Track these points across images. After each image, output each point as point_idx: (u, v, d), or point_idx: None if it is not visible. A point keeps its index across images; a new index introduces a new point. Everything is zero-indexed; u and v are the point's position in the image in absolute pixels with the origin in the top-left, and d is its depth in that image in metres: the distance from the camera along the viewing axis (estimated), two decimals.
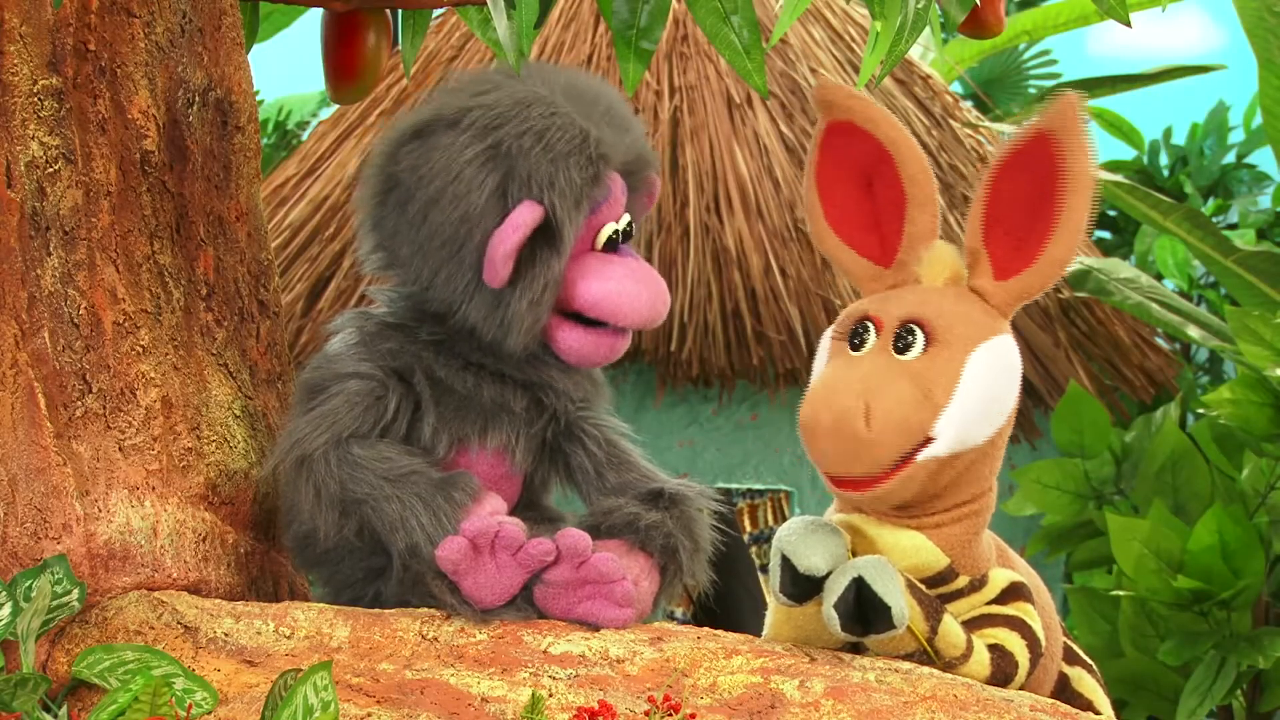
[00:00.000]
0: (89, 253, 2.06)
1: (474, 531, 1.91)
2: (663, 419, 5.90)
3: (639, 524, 1.99)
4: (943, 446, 1.94)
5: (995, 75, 8.30)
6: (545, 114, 2.00)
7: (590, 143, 2.00)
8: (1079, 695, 2.15)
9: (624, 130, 2.06)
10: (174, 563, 2.05)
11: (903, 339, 1.96)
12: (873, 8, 1.99)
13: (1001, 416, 1.99)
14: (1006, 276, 2.00)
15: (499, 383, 2.05)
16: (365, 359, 2.03)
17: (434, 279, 2.01)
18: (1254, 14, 5.60)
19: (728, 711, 1.85)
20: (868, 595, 1.87)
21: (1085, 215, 1.95)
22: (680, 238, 5.72)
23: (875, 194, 2.06)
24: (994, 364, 1.97)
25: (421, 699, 1.86)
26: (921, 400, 1.92)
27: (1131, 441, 5.27)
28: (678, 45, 6.10)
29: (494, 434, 2.05)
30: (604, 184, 2.02)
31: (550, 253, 1.98)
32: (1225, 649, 4.60)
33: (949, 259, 2.03)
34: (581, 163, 1.99)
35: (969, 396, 1.94)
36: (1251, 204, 7.71)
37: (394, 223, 2.03)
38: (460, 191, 1.98)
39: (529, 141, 1.98)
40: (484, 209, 1.97)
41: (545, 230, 1.97)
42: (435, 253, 1.99)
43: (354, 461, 1.97)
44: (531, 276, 1.98)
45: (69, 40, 2.07)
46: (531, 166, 1.97)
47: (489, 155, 1.98)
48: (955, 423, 1.93)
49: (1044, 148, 1.96)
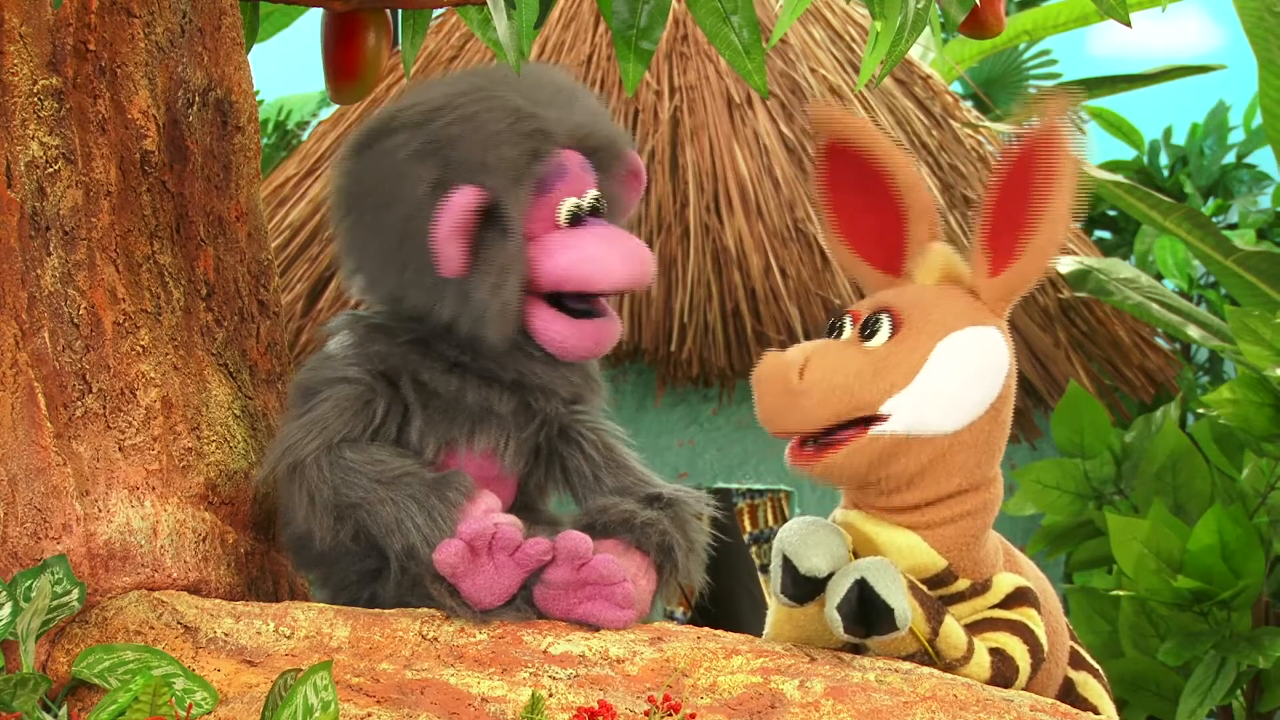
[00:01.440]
0: (89, 253, 2.06)
1: (471, 534, 1.91)
2: (663, 419, 5.90)
3: (634, 521, 1.99)
4: (899, 425, 1.95)
5: (995, 75, 8.31)
6: (475, 99, 1.99)
7: (524, 120, 1.98)
8: (1083, 700, 2.15)
9: (570, 107, 2.04)
10: (174, 563, 2.05)
11: (869, 325, 1.99)
12: (873, 8, 1.99)
13: (978, 407, 1.98)
14: (998, 273, 2.01)
15: (484, 385, 2.03)
16: (354, 363, 2.03)
17: (402, 284, 2.00)
18: (1254, 14, 5.60)
19: (728, 711, 1.85)
20: (870, 597, 1.87)
21: (1066, 210, 1.97)
22: (680, 238, 5.72)
23: (877, 206, 2.09)
24: (967, 354, 1.98)
25: (421, 699, 1.86)
26: (871, 377, 1.95)
27: (1131, 441, 5.26)
28: (678, 45, 6.10)
29: (481, 437, 2.04)
30: (547, 160, 2.00)
31: (498, 234, 1.96)
32: (1225, 649, 4.60)
33: (943, 259, 2.05)
34: (514, 139, 1.97)
35: (932, 381, 1.96)
36: (1251, 204, 7.71)
37: (358, 238, 2.03)
38: (403, 191, 1.97)
39: (458, 128, 1.97)
40: (427, 202, 1.96)
41: (490, 213, 1.96)
42: (395, 256, 1.99)
43: (346, 466, 1.97)
44: (487, 261, 1.96)
45: (69, 40, 2.07)
46: (463, 151, 1.96)
47: (424, 150, 1.97)
48: (914, 404, 1.95)
49: (1040, 148, 1.98)
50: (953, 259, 2.06)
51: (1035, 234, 1.98)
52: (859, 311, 2.02)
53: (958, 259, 2.06)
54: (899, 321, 1.98)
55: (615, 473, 2.08)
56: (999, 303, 2.02)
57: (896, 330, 1.98)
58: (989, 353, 1.99)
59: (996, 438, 2.01)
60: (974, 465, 2.00)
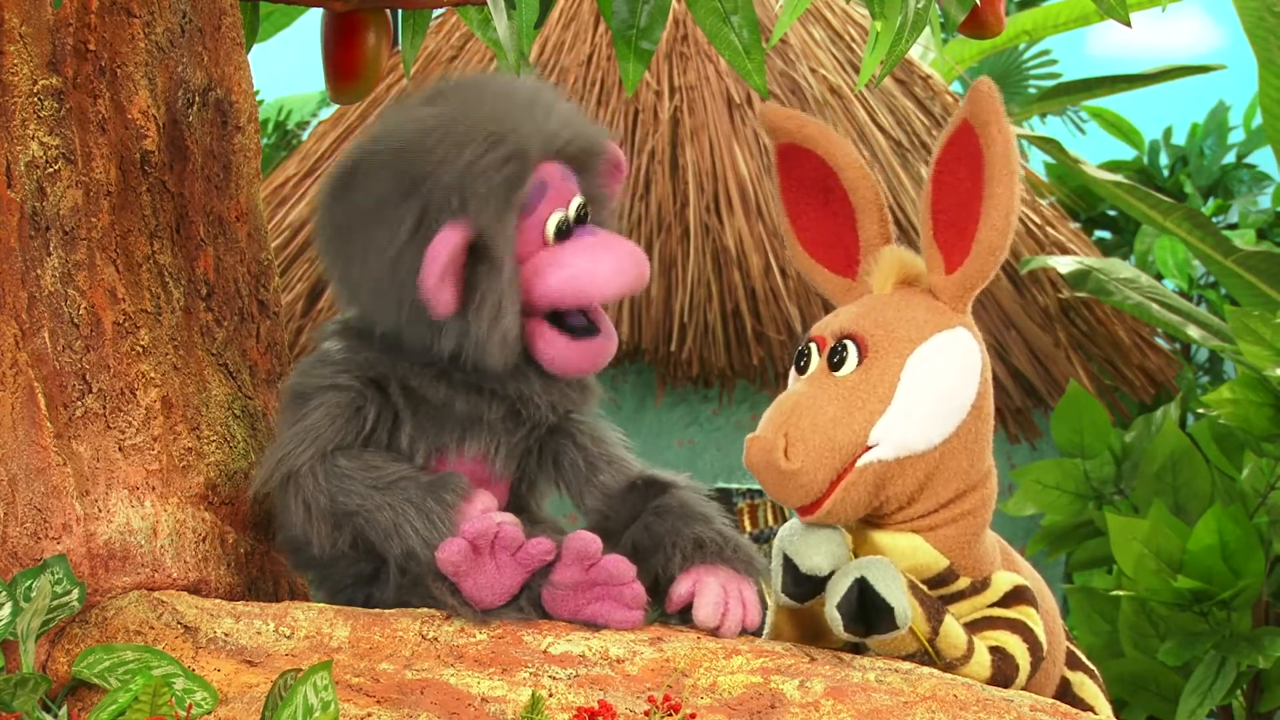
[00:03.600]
0: (89, 253, 2.06)
1: (474, 533, 1.91)
2: (663, 419, 5.90)
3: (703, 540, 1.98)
4: (888, 450, 1.94)
5: (995, 75, 8.30)
6: (445, 129, 1.93)
7: (499, 145, 1.93)
8: (1080, 700, 2.15)
9: (543, 118, 1.98)
10: (174, 563, 2.05)
11: (836, 354, 1.97)
12: (873, 8, 1.99)
13: (960, 411, 1.98)
14: (954, 270, 2.00)
15: (474, 393, 2.02)
16: (344, 370, 2.02)
17: (398, 321, 1.98)
18: (1254, 14, 5.60)
19: (728, 711, 1.85)
20: (870, 596, 1.88)
21: (1011, 202, 1.95)
22: (680, 238, 5.72)
23: (832, 209, 2.09)
24: (939, 361, 1.97)
25: (421, 699, 1.86)
26: (847, 416, 1.93)
27: (1131, 441, 5.26)
28: (678, 45, 6.10)
29: (472, 443, 2.03)
30: (528, 182, 1.95)
31: (488, 268, 1.92)
32: (1225, 649, 4.60)
33: (895, 263, 2.04)
34: (491, 168, 1.92)
35: (912, 398, 1.95)
36: (1251, 204, 7.71)
37: (349, 279, 2.01)
38: (386, 236, 1.93)
39: (432, 163, 1.92)
40: (411, 245, 1.92)
41: (477, 247, 1.92)
42: (388, 297, 1.96)
43: (341, 474, 1.96)
44: (480, 297, 1.93)
45: (69, 40, 2.07)
46: (442, 188, 1.91)
47: (401, 190, 1.93)
48: (898, 426, 1.94)
49: (968, 138, 1.97)
50: (906, 259, 2.04)
51: (981, 226, 1.96)
52: (823, 337, 2.00)
53: (912, 258, 2.04)
54: (864, 346, 1.97)
55: (608, 463, 2.08)
56: (959, 300, 2.01)
57: (864, 356, 1.96)
58: (959, 356, 1.98)
59: (984, 433, 2.01)
60: (968, 467, 2.00)
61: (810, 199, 2.10)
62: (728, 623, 1.94)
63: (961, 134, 1.97)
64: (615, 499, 2.06)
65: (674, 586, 1.96)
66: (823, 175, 2.08)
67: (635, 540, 2.00)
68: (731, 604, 1.95)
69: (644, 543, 1.99)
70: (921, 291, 2.02)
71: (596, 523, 2.05)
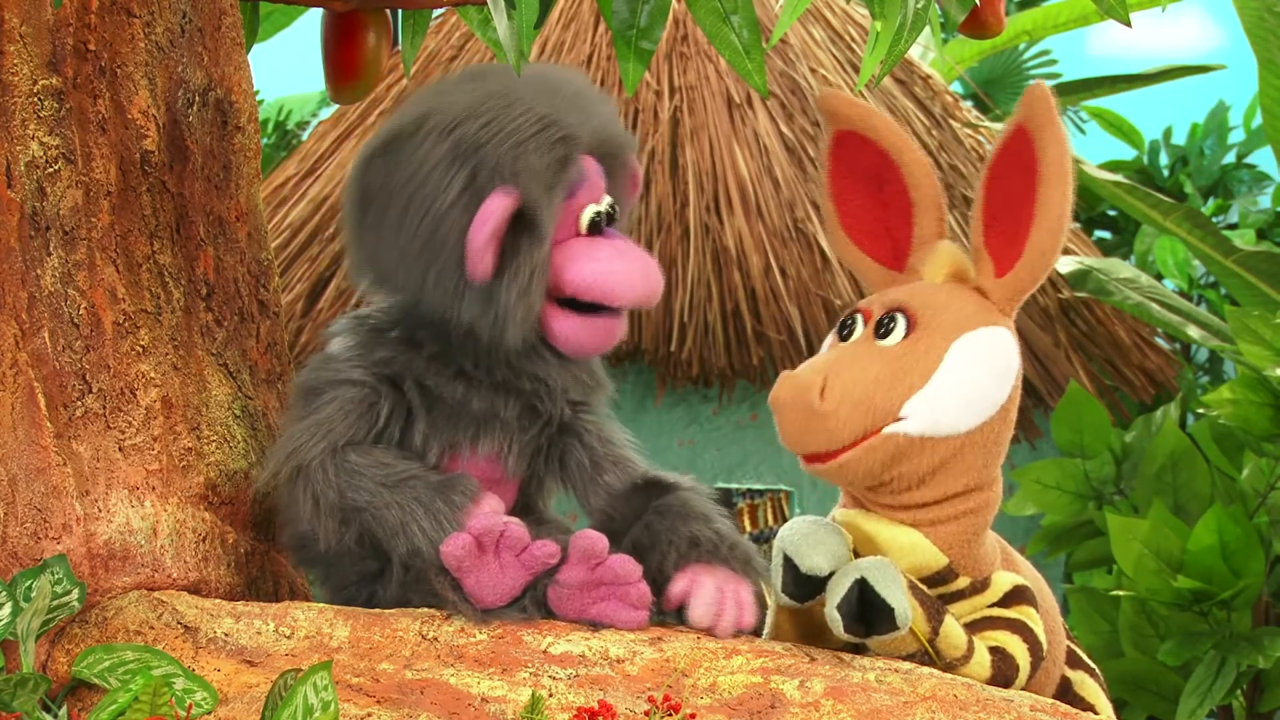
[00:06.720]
0: (89, 253, 2.06)
1: (480, 529, 1.91)
2: (663, 419, 5.90)
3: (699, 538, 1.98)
4: (914, 426, 1.95)
5: (995, 75, 8.31)
6: (502, 105, 1.98)
7: (552, 126, 1.97)
8: (1080, 699, 2.15)
9: (590, 112, 2.03)
10: (174, 563, 2.05)
11: (884, 325, 1.99)
12: (873, 8, 1.99)
13: (990, 408, 1.98)
14: (1004, 273, 2.01)
15: (490, 391, 2.03)
16: (358, 365, 2.03)
17: (422, 286, 1.99)
18: (1254, 14, 5.60)
19: (728, 711, 1.85)
20: (870, 596, 1.88)
21: (1064, 206, 1.96)
22: (680, 238, 5.72)
23: (885, 200, 2.09)
24: (980, 354, 1.97)
25: (421, 699, 1.86)
26: (891, 382, 1.95)
27: (1131, 441, 5.26)
28: (678, 45, 6.10)
29: (485, 441, 2.04)
30: (574, 166, 2.00)
31: (530, 239, 1.96)
32: (1225, 649, 4.60)
33: (949, 257, 2.05)
34: (545, 146, 1.97)
35: (948, 382, 1.96)
36: (1251, 204, 7.71)
37: (374, 239, 2.01)
38: (431, 194, 1.95)
39: (489, 133, 1.96)
40: (457, 206, 1.94)
41: (522, 218, 1.95)
42: (418, 259, 1.97)
43: (351, 469, 1.97)
44: (516, 266, 1.96)
45: (69, 40, 2.07)
46: (496, 156, 1.95)
47: (453, 154, 1.96)
48: (930, 405, 1.95)
49: (1023, 143, 1.97)
50: (960, 257, 2.05)
51: (1033, 233, 1.98)
52: (870, 310, 2.02)
53: (965, 257, 2.05)
54: (914, 321, 1.98)
55: (613, 464, 2.08)
56: (1008, 303, 2.02)
57: (912, 330, 1.98)
58: (1002, 353, 2.00)
59: (1003, 438, 2.02)
60: (981, 465, 2.00)
61: (862, 187, 2.11)
62: (722, 624, 1.94)
63: (1016, 138, 1.98)
64: (620, 499, 2.07)
65: (670, 585, 1.97)
66: (879, 166, 2.08)
67: (636, 539, 2.00)
68: (727, 605, 1.95)
69: (643, 541, 2.00)
70: (972, 288, 2.03)
71: (601, 523, 2.05)
